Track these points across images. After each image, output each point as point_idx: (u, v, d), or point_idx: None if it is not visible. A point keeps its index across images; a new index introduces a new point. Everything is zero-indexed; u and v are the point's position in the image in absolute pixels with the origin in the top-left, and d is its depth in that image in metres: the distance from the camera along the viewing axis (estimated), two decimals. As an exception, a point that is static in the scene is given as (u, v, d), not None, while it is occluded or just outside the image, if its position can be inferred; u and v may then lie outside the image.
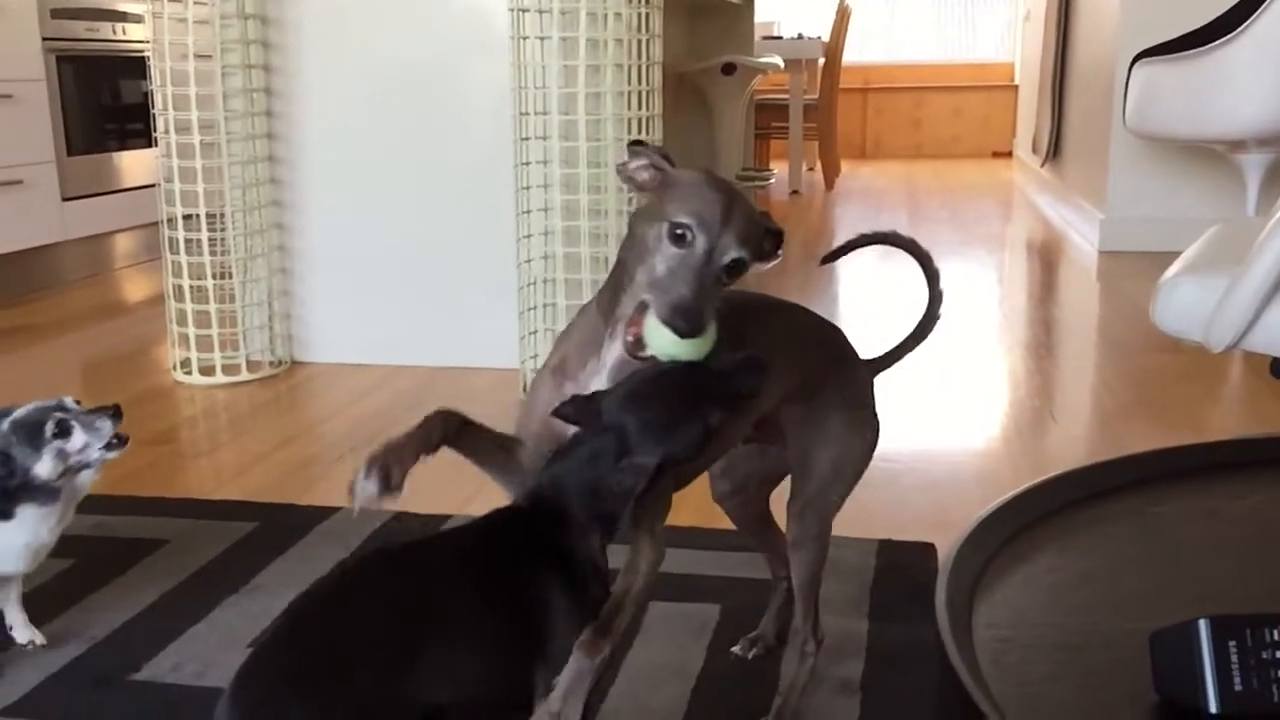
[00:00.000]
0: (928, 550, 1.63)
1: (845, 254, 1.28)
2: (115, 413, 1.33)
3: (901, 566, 1.58)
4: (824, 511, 1.19)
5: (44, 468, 1.28)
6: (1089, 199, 4.58)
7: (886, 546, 1.64)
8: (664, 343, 0.90)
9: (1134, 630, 0.70)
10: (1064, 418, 2.29)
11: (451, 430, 0.97)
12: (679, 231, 0.93)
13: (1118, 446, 2.14)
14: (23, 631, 1.39)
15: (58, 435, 1.29)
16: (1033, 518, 0.83)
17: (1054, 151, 5.57)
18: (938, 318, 1.30)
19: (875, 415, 1.24)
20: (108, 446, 1.32)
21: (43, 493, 1.29)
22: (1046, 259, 4.28)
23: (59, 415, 1.30)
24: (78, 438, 1.30)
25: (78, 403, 1.33)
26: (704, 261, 0.92)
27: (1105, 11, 4.42)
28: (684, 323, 0.89)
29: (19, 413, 1.30)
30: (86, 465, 1.32)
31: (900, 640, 1.38)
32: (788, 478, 1.21)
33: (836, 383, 1.19)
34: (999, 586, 0.76)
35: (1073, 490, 0.88)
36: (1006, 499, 0.84)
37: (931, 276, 1.29)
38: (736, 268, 0.94)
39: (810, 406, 1.16)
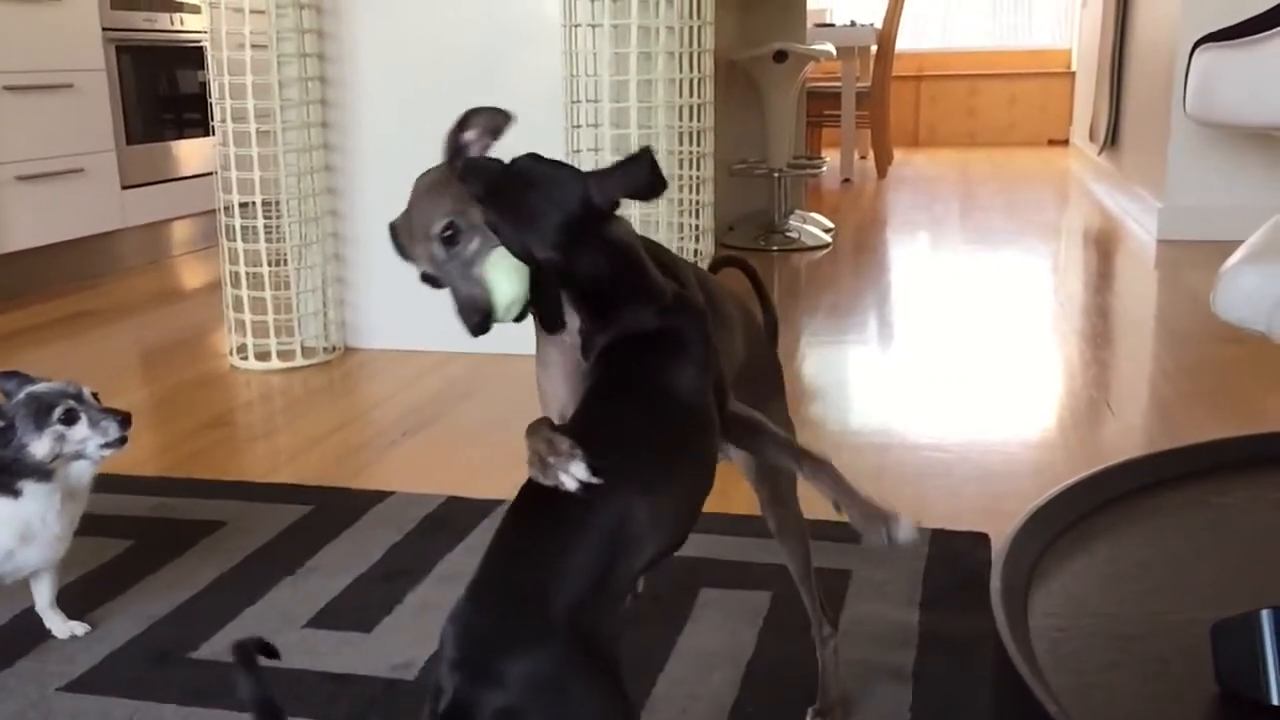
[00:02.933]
0: (981, 540, 1.61)
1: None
2: (125, 420, 1.33)
3: (954, 556, 1.57)
4: (793, 493, 1.19)
5: (40, 447, 1.30)
6: (1147, 187, 4.50)
7: (939, 536, 1.63)
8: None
9: (1194, 620, 0.69)
10: (1121, 408, 2.26)
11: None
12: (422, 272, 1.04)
13: (1177, 437, 2.11)
14: (62, 627, 1.41)
15: (63, 421, 1.30)
16: (1091, 506, 0.82)
17: (1112, 139, 5.48)
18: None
19: None
20: (106, 445, 1.33)
21: (37, 471, 1.31)
22: (1103, 248, 4.22)
23: (70, 404, 1.31)
24: (80, 430, 1.31)
25: (95, 396, 1.35)
26: (441, 274, 1.00)
27: (1166, -4, 4.34)
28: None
29: (40, 387, 1.32)
30: (82, 456, 1.33)
31: (953, 629, 1.37)
32: None
33: (769, 362, 1.22)
34: (1056, 575, 0.75)
35: (1133, 479, 0.86)
36: (1064, 487, 0.83)
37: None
38: (448, 231, 0.98)
39: (753, 389, 1.16)
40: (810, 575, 1.19)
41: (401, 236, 1.03)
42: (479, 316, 0.95)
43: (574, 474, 0.79)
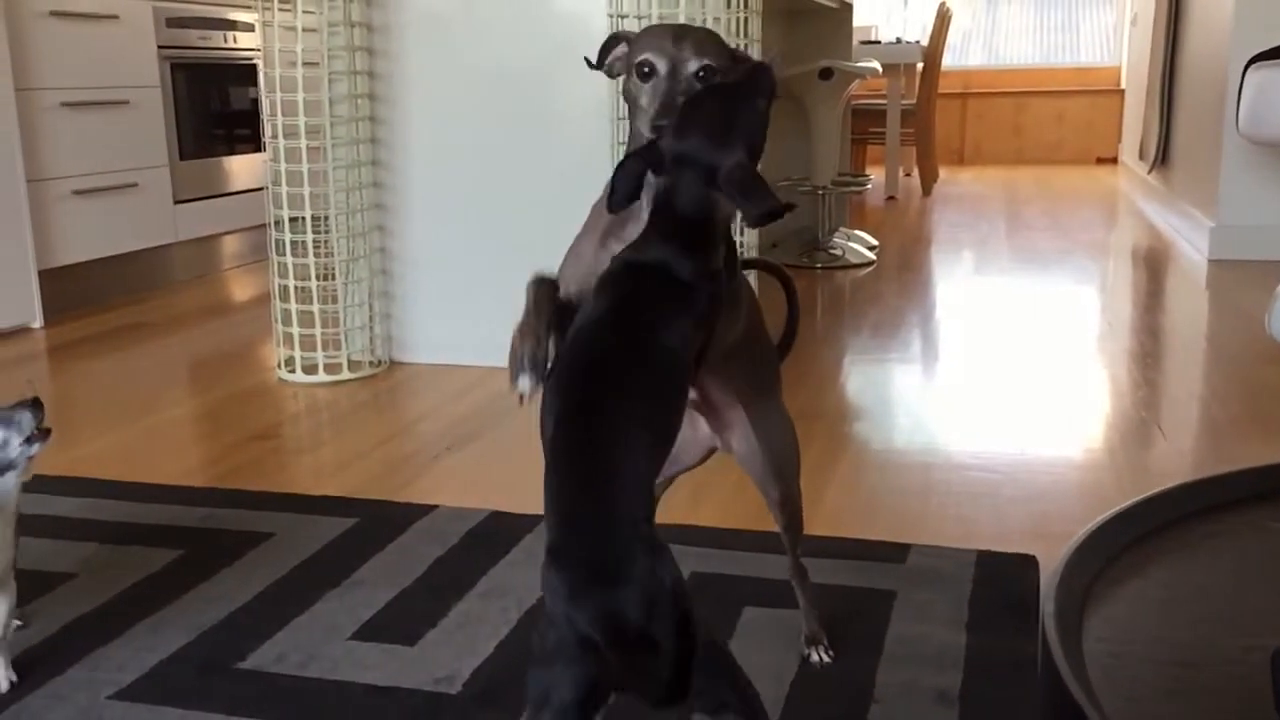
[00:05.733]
0: (1028, 562, 1.59)
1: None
2: (34, 404, 1.21)
3: (1001, 578, 1.55)
4: (793, 477, 1.31)
5: None
6: (1199, 206, 4.45)
7: (986, 557, 1.61)
8: None
9: (1253, 647, 0.67)
10: (1171, 430, 2.23)
11: (553, 299, 1.08)
12: (644, 68, 1.10)
13: (1228, 460, 2.07)
14: None
15: None
16: (1146, 530, 0.81)
17: (1162, 157, 5.41)
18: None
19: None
20: (28, 441, 1.20)
21: None
22: (1153, 267, 4.17)
23: None
24: None
25: None
26: (670, 79, 1.09)
27: (1217, 14, 4.29)
28: (664, 118, 1.06)
29: None
30: (9, 466, 1.21)
31: (999, 652, 1.35)
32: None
33: (765, 353, 1.30)
34: (1109, 599, 0.74)
35: (1189, 502, 0.85)
36: (1119, 509, 0.81)
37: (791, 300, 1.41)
38: (706, 73, 1.09)
39: (749, 380, 1.26)
40: (798, 534, 1.34)
41: (648, 35, 1.12)
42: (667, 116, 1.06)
43: (520, 384, 0.99)
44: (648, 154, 1.05)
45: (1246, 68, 4.35)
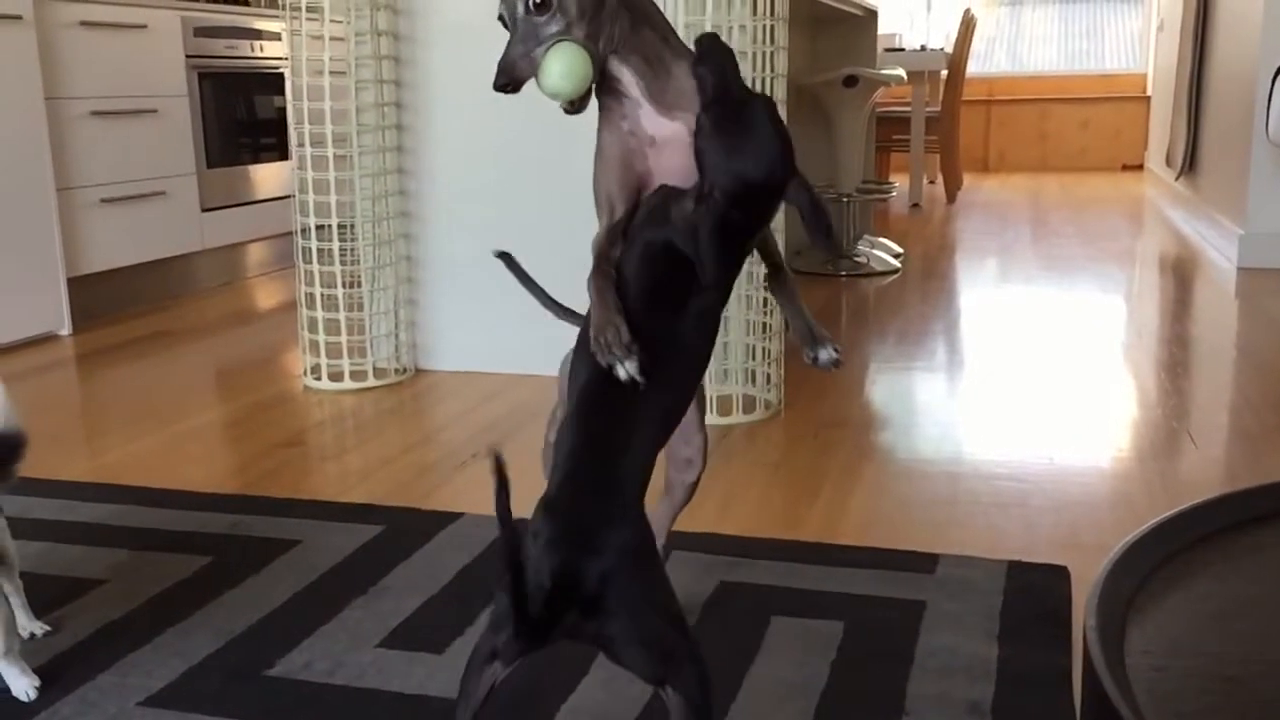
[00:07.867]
0: (1060, 573, 1.58)
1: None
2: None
3: (1032, 589, 1.53)
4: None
5: None
6: (1227, 214, 4.41)
7: (1016, 568, 1.60)
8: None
9: (1300, 663, 0.66)
10: (1203, 439, 2.20)
11: (614, 285, 1.09)
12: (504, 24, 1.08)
13: (1261, 470, 2.05)
14: (18, 681, 1.32)
15: None
16: (1188, 541, 0.80)
17: (1189, 165, 5.37)
18: None
19: None
20: None
21: None
22: (1181, 276, 4.13)
23: None
24: None
25: None
26: (511, 27, 1.06)
27: (1246, 20, 4.25)
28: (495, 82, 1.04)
29: None
30: None
31: (1032, 664, 1.34)
32: None
33: None
34: (1152, 612, 0.73)
35: (1233, 514, 0.84)
36: (1159, 521, 0.80)
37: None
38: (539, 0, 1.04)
39: None
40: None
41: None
42: (506, 80, 1.05)
43: (628, 369, 1.01)
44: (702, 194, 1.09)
45: (1276, 74, 4.33)
